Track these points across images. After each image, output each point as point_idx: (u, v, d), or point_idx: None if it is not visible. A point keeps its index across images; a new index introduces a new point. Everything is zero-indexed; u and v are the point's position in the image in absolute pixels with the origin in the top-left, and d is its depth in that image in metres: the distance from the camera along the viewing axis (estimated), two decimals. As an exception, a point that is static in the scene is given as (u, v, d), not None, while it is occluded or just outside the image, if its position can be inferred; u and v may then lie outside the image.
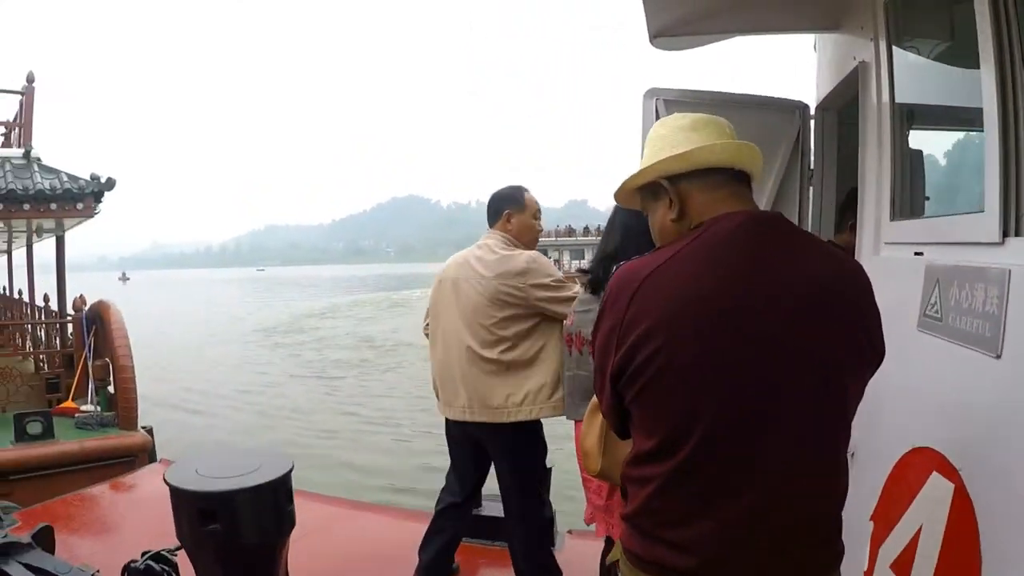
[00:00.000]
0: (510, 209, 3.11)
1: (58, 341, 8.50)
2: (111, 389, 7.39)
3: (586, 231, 62.56)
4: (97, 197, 7.81)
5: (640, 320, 1.20)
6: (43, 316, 9.57)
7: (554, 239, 60.57)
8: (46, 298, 9.70)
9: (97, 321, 7.62)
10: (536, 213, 3.18)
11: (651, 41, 3.27)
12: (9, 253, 12.82)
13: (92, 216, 8.00)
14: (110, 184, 7.84)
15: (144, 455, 7.15)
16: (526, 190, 3.22)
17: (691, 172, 1.31)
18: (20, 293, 11.41)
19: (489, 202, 3.20)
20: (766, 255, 1.21)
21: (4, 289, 13.15)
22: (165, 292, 78.32)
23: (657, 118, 2.91)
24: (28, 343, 9.96)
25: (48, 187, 7.51)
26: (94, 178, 7.85)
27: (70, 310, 8.21)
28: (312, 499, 4.54)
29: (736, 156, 1.31)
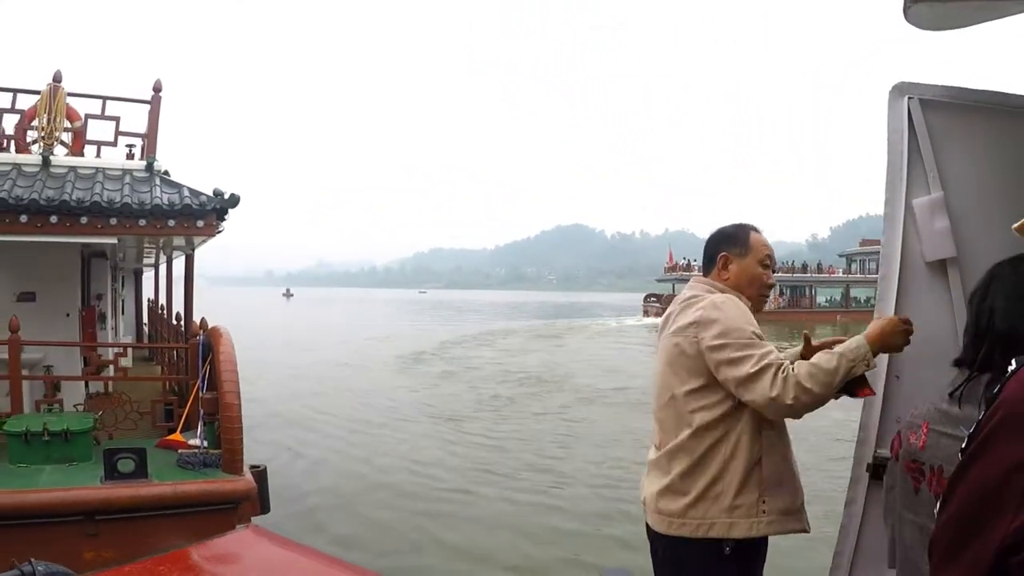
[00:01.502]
0: (727, 251, 2.53)
1: (180, 367, 8.02)
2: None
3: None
4: (220, 214, 7.27)
5: None
6: (173, 338, 9.14)
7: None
8: (178, 317, 9.29)
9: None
10: (765, 259, 2.55)
11: (906, 12, 2.16)
12: (156, 266, 12.84)
13: (214, 235, 7.48)
14: (234, 201, 7.27)
15: (249, 502, 6.45)
16: (753, 228, 2.59)
17: None
18: (162, 309, 11.23)
19: (704, 245, 2.64)
20: None
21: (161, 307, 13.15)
22: (325, 308, 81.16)
23: (910, 122, 2.42)
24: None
25: (167, 202, 7.01)
26: (217, 194, 7.31)
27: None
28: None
29: None
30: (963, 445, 0.97)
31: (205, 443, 6.64)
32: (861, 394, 2.22)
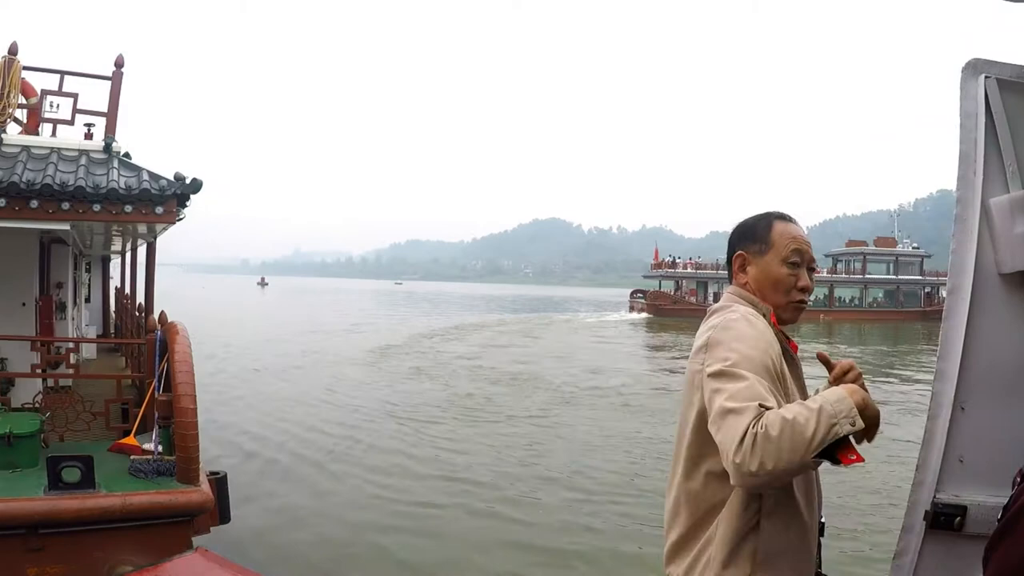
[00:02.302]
0: (744, 249, 2.11)
1: (141, 362, 7.50)
2: (177, 429, 6.20)
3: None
4: (181, 200, 6.73)
5: None
6: (135, 331, 8.61)
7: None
8: (140, 308, 8.75)
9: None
10: (791, 256, 2.05)
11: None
12: (123, 254, 12.24)
13: (174, 222, 6.95)
14: (196, 186, 6.74)
15: (205, 515, 5.98)
16: (780, 217, 2.10)
17: None
18: (127, 299, 10.69)
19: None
20: None
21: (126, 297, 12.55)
22: (299, 298, 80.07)
23: (987, 104, 2.02)
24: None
25: (124, 186, 6.46)
26: (178, 178, 6.76)
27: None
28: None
29: None
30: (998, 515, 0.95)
31: (160, 449, 6.13)
32: (847, 461, 1.62)
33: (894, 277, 60.62)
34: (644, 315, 54.56)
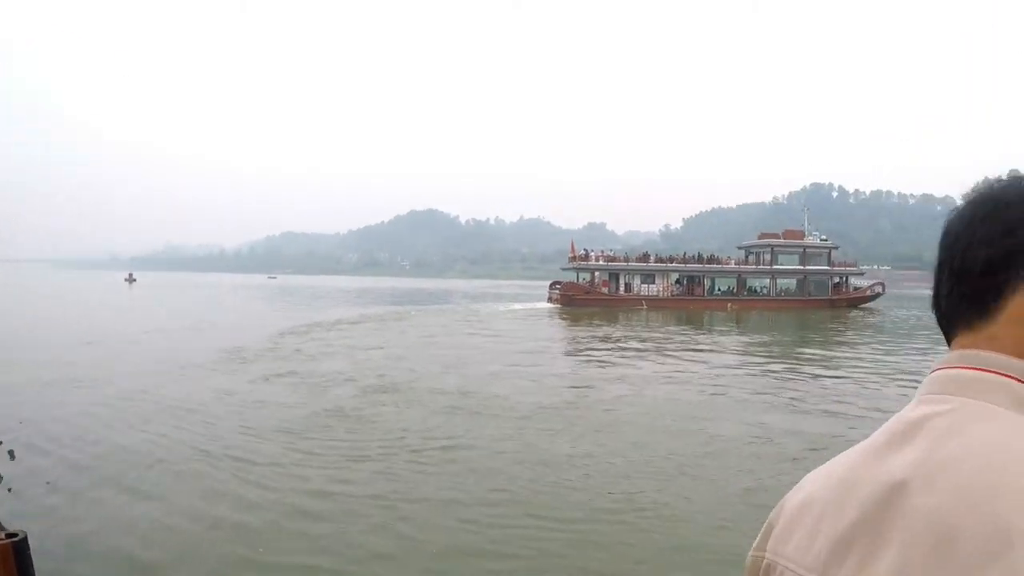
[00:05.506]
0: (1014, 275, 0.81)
1: None
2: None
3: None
4: None
5: None
6: None
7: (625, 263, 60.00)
8: None
9: None
10: None
11: None
12: None
13: None
14: None
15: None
16: None
17: None
18: None
19: (952, 245, 0.88)
20: None
21: None
22: (169, 295, 72.78)
23: None
24: None
25: None
26: None
27: None
28: None
29: None
30: None
31: None
32: None
33: (802, 268, 61.56)
34: (556, 306, 54.43)
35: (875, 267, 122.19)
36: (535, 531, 7.42)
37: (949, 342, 0.88)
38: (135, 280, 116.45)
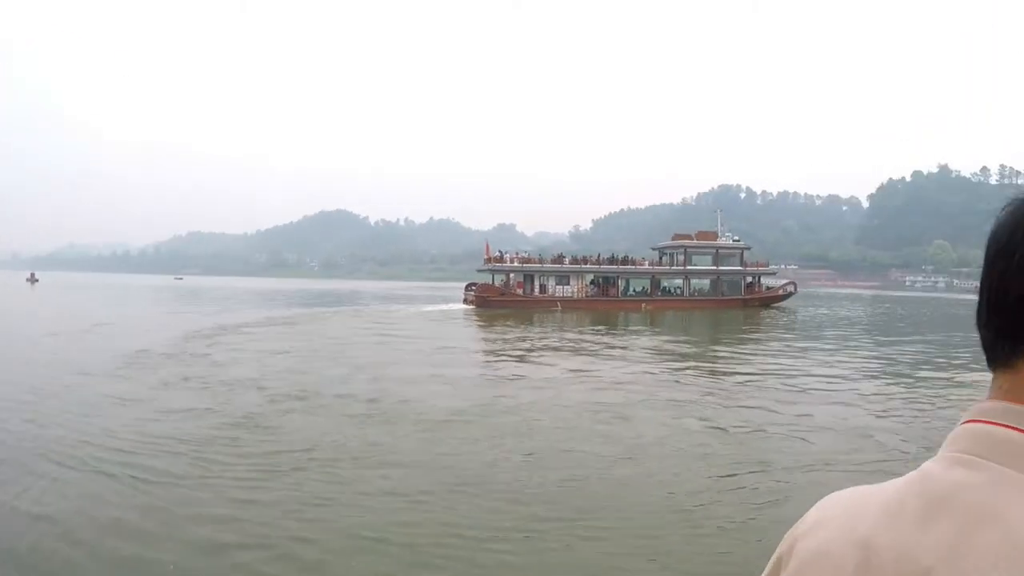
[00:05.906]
0: None
1: None
2: None
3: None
4: None
5: None
6: None
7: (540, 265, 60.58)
8: None
9: None
10: None
11: None
12: None
13: None
14: None
15: None
16: None
17: None
18: None
19: (988, 271, 0.77)
20: None
21: None
22: (73, 296, 69.20)
23: None
24: None
25: None
26: None
27: None
28: None
29: None
30: None
31: None
32: None
33: (715, 268, 62.73)
34: (471, 307, 54.21)
35: (783, 266, 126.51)
36: (456, 550, 6.96)
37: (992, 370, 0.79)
38: (38, 280, 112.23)
